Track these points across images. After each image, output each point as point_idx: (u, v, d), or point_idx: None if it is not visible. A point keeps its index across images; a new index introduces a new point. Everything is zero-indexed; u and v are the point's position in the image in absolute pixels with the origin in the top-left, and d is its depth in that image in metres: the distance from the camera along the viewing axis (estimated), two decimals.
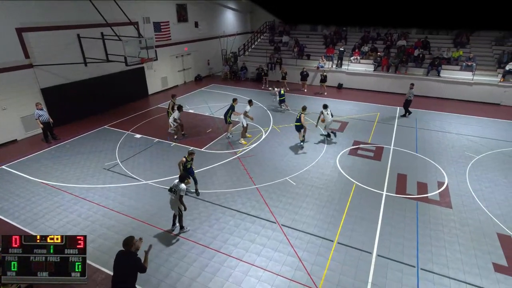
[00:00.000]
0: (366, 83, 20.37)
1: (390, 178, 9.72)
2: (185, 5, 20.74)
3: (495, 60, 18.65)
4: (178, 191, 6.85)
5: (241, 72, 23.34)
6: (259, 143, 12.18)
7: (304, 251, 6.82)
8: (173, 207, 7.16)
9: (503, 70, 17.40)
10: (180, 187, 6.87)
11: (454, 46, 20.19)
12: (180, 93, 19.18)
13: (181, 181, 7.00)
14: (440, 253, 6.77)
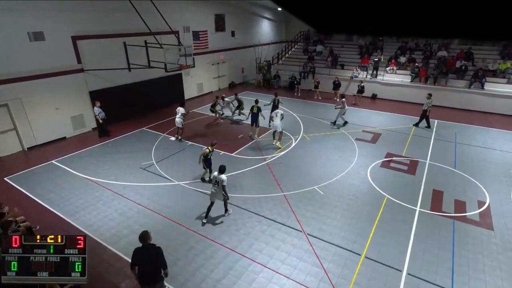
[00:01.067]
0: (402, 94, 19.55)
1: (424, 194, 9.19)
2: (223, 15, 21.37)
3: None
4: (220, 182, 7.47)
5: (274, 80, 23.46)
6: (289, 151, 12.10)
7: (330, 263, 6.62)
8: (214, 197, 7.81)
9: None
10: (222, 178, 7.46)
11: (501, 57, 18.81)
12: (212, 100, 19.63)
13: (221, 173, 7.54)
14: (478, 277, 6.24)
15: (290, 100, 19.71)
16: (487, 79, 17.47)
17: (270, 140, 13.01)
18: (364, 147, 12.42)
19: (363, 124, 14.99)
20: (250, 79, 25.40)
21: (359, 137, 13.39)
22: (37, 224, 7.66)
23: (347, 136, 13.60)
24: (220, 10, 21.01)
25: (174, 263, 6.58)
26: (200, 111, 17.46)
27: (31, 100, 12.03)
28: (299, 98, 20.32)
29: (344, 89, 20.48)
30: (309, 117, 16.21)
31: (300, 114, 16.72)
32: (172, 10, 16.61)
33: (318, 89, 20.06)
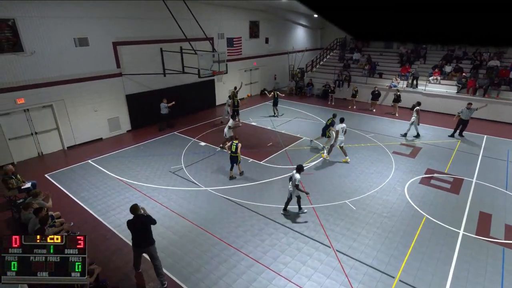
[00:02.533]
0: (447, 106, 18.45)
1: (469, 216, 8.52)
2: (257, 22, 21.73)
3: None
4: (293, 180, 8.01)
5: (307, 88, 23.29)
6: (320, 161, 11.86)
7: (360, 283, 6.31)
8: (291, 194, 8.32)
9: None
10: (295, 177, 7.99)
11: None
12: (245, 106, 19.89)
13: (298, 172, 8.09)
14: None
15: (323, 109, 19.43)
16: None
17: (300, 149, 12.87)
18: (401, 161, 11.85)
19: (401, 137, 14.34)
20: (283, 87, 25.43)
21: (397, 151, 12.81)
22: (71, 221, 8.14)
23: (384, 149, 13.07)
24: (255, 17, 21.39)
25: (197, 270, 6.65)
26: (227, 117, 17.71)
27: (73, 102, 12.98)
28: (333, 107, 19.93)
29: (382, 99, 19.80)
30: None
31: None
32: (208, 18, 17.20)
33: (356, 98, 19.53)
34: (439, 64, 20.41)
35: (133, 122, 15.47)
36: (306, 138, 14.23)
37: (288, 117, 17.59)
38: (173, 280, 6.40)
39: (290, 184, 8.32)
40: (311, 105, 20.47)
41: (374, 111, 18.79)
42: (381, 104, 19.94)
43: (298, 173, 8.08)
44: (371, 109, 18.94)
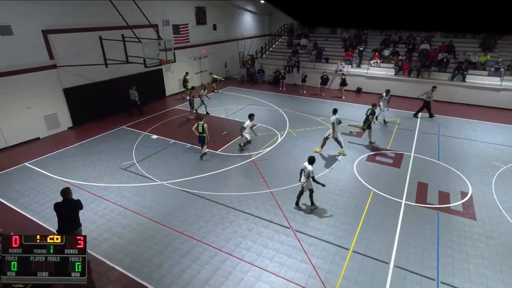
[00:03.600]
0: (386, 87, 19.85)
1: (410, 186, 9.47)
2: (204, 8, 21.10)
3: None
4: (306, 172, 7.83)
5: (258, 75, 23.44)
6: (275, 147, 12.16)
7: (318, 258, 6.72)
8: (305, 188, 8.10)
9: None
10: (308, 169, 7.80)
11: (482, 50, 19.52)
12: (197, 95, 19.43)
13: (311, 163, 7.87)
14: (462, 267, 6.51)
15: (275, 95, 19.78)
16: (469, 71, 18.10)
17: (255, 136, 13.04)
18: (351, 141, 12.64)
19: (348, 118, 15.23)
20: (234, 74, 25.28)
21: (345, 132, 13.61)
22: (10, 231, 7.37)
23: None
24: (201, 3, 20.74)
25: (159, 266, 6.51)
26: (182, 108, 17.24)
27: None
28: (284, 93, 20.42)
29: (330, 83, 20.71)
30: (295, 112, 16.32)
31: (285, 109, 16.80)
32: (150, 4, 16.25)
33: (306, 83, 20.20)
34: (378, 48, 21.85)
35: (74, 118, 14.26)
36: (260, 125, 14.42)
37: (242, 104, 17.62)
38: (133, 280, 6.20)
39: (301, 176, 8.12)
40: (263, 91, 20.71)
41: (323, 95, 19.63)
42: (329, 88, 20.87)
43: (310, 165, 7.85)
44: (321, 94, 19.75)
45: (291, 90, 20.81)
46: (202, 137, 10.95)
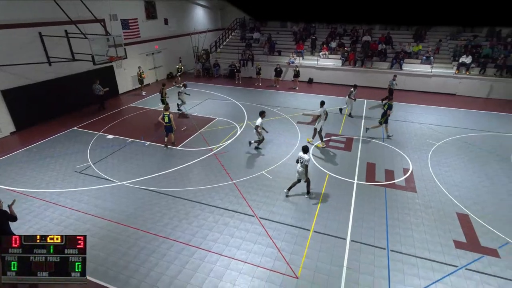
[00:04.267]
0: (335, 77, 20.88)
1: (360, 167, 10.08)
2: (153, 2, 20.06)
3: (451, 53, 19.79)
4: (303, 161, 7.88)
5: (214, 69, 23.06)
6: (235, 139, 12.14)
7: (283, 242, 6.93)
8: (300, 176, 8.21)
9: (457, 62, 18.51)
10: (303, 158, 7.89)
11: (414, 40, 21.17)
12: (152, 91, 18.64)
13: (305, 152, 7.96)
14: (407, 235, 7.14)
15: (232, 88, 19.64)
16: (405, 60, 19.57)
17: (215, 130, 12.91)
18: (305, 129, 13.06)
19: (303, 108, 15.68)
20: (189, 69, 24.58)
21: (300, 120, 14.01)
22: None
23: (289, 120, 14.13)
24: None
25: (125, 267, 6.23)
26: (137, 105, 16.42)
27: None
28: (241, 86, 20.37)
29: (283, 75, 21.07)
30: (252, 104, 16.39)
31: (243, 102, 16.80)
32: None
33: (260, 75, 20.34)
34: (325, 40, 22.63)
35: (18, 122, 12.85)
36: (219, 118, 14.28)
37: (199, 99, 17.25)
38: (99, 285, 5.87)
39: (298, 166, 8.13)
40: (220, 85, 20.46)
41: (278, 86, 19.94)
42: (283, 79, 21.24)
43: (305, 154, 7.93)
44: (275, 85, 20.04)
45: (247, 83, 20.83)
46: (168, 127, 11.00)
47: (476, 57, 18.41)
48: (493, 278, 6.02)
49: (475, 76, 18.02)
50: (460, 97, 17.83)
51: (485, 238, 7.03)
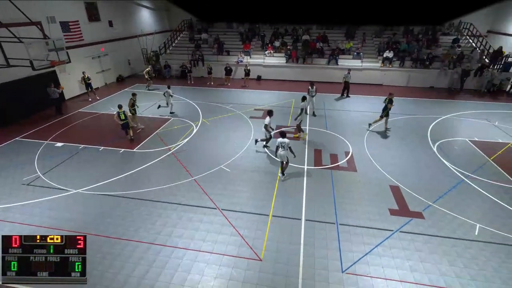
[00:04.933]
0: (281, 73, 21.41)
1: (309, 154, 10.56)
2: (95, 3, 18.39)
3: (376, 49, 21.51)
4: (285, 145, 8.43)
5: (165, 70, 22.06)
6: (192, 137, 11.84)
7: (245, 229, 7.01)
8: (282, 158, 8.68)
9: (382, 57, 20.21)
10: (285, 141, 8.47)
11: (346, 39, 22.55)
12: (103, 95, 17.27)
13: (284, 136, 8.55)
14: (352, 209, 7.72)
15: (184, 88, 19.04)
16: (340, 56, 20.78)
17: (171, 130, 12.45)
18: (258, 123, 13.24)
19: (254, 103, 15.84)
20: (139, 71, 23.19)
21: (253, 115, 14.15)
22: None
23: (242, 116, 14.19)
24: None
25: (90, 274, 5.77)
26: (87, 110, 15.08)
27: None
28: (193, 85, 19.85)
29: (234, 73, 20.99)
30: (206, 102, 16.10)
31: (196, 101, 16.40)
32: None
33: (212, 75, 20.00)
34: (270, 40, 23.00)
35: None
36: (174, 118, 13.78)
37: (152, 100, 16.43)
38: None
39: (280, 150, 8.57)
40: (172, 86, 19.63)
41: (229, 85, 19.83)
42: (234, 78, 21.17)
43: (285, 138, 8.52)
44: (227, 84, 19.89)
45: (199, 83, 20.36)
46: (125, 124, 10.91)
47: (396, 52, 20.29)
48: (421, 236, 6.82)
49: (396, 68, 19.88)
50: (386, 86, 19.53)
51: (413, 204, 7.91)
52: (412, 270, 5.94)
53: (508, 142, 11.46)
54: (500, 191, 8.43)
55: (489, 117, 14.03)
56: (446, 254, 6.33)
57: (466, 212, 7.57)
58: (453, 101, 16.70)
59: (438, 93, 18.16)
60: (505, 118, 13.94)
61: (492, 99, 17.04)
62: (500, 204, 7.89)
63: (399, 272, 5.90)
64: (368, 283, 5.68)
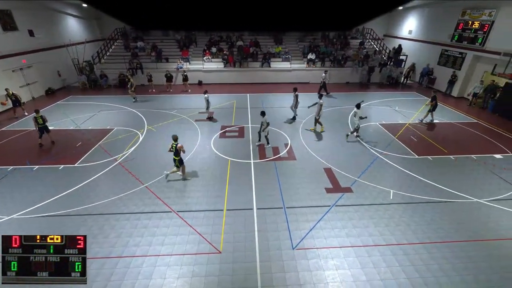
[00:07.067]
0: (221, 77, 21.25)
1: (253, 149, 10.76)
2: (8, 11, 15.55)
3: (301, 52, 22.87)
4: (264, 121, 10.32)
5: (101, 80, 19.93)
6: (139, 145, 10.99)
7: (202, 226, 6.83)
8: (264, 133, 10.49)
9: (306, 59, 21.59)
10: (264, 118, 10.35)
11: (275, 43, 23.45)
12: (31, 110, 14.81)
13: (263, 115, 10.20)
14: (296, 193, 8.14)
15: (125, 97, 17.49)
16: (272, 59, 21.53)
17: (115, 140, 11.37)
18: (203, 126, 12.94)
19: (198, 107, 15.43)
20: (72, 83, 20.52)
21: (198, 119, 13.78)
22: None
23: (188, 119, 13.70)
24: (4, 5, 15.17)
25: None
26: (13, 128, 12.77)
27: None
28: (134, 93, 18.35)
29: (174, 80, 20.06)
30: (149, 110, 15.09)
31: (139, 108, 15.25)
32: None
33: (152, 82, 18.77)
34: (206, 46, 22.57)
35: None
36: (118, 128, 12.59)
37: (92, 111, 14.73)
38: None
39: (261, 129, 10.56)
40: (112, 95, 17.94)
41: (171, 91, 18.91)
42: (175, 84, 20.27)
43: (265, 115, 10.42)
44: (169, 90, 18.93)
45: (141, 90, 18.93)
46: (42, 127, 10.54)
47: (318, 54, 21.90)
48: (351, 206, 7.56)
49: (319, 68, 21.47)
50: (312, 84, 20.95)
51: (343, 181, 8.70)
52: (348, 236, 6.57)
53: (405, 123, 13.42)
54: (404, 162, 9.84)
55: (391, 104, 16.20)
56: (371, 218, 7.14)
57: (383, 182, 8.64)
58: (365, 93, 18.81)
59: (352, 87, 20.23)
60: (402, 103, 16.26)
61: (392, 89, 19.69)
62: (405, 172, 9.22)
63: (338, 240, 6.46)
64: (315, 254, 6.09)
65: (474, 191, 8.21)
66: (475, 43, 16.28)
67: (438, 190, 8.24)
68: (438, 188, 8.35)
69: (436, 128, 12.96)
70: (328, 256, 6.04)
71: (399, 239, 6.48)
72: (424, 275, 5.63)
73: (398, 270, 5.73)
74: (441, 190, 8.26)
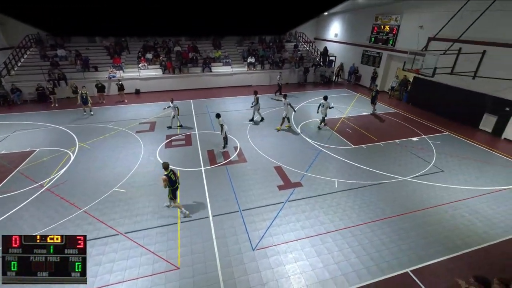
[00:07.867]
0: (160, 85, 20.21)
1: (203, 156, 10.51)
2: None
3: (241, 56, 23.28)
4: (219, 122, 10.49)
5: (13, 96, 17.00)
6: (70, 165, 9.70)
7: (156, 244, 6.38)
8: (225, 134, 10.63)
9: (247, 62, 22.07)
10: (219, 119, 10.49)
11: (214, 48, 23.37)
12: None
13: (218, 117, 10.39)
14: (250, 194, 8.23)
15: (48, 113, 15.29)
16: (212, 64, 21.38)
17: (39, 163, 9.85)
18: (146, 137, 12.13)
19: (137, 118, 14.40)
20: None
21: (139, 130, 12.85)
22: None
23: (127, 132, 12.66)
24: None
25: None
26: None
27: None
28: (59, 108, 16.18)
29: (107, 90, 18.31)
30: (80, 125, 13.47)
31: (67, 125, 13.49)
32: None
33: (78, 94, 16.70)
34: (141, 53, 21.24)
35: None
36: (41, 149, 10.91)
37: (3, 133, 12.45)
38: None
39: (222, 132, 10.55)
40: (29, 112, 15.47)
41: (105, 102, 17.23)
42: (108, 94, 18.54)
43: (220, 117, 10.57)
44: (101, 101, 17.20)
45: (66, 104, 16.76)
46: None
47: (257, 57, 22.58)
48: (302, 200, 7.99)
49: (259, 71, 22.16)
50: (254, 86, 21.50)
51: (292, 176, 9.13)
52: (303, 228, 6.92)
53: (340, 117, 14.80)
54: (343, 152, 10.84)
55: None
56: (321, 207, 7.66)
57: (327, 173, 9.36)
58: (303, 92, 20.11)
59: (292, 87, 21.44)
60: (336, 100, 17.89)
61: (326, 87, 21.51)
62: (345, 161, 10.15)
63: (295, 233, 6.75)
64: (275, 251, 6.25)
65: (400, 171, 9.50)
66: (387, 44, 18.92)
67: (373, 174, 9.30)
68: (372, 172, 9.43)
69: (366, 119, 14.62)
70: (287, 250, 6.26)
71: (346, 223, 7.10)
72: (369, 251, 6.28)
73: (349, 251, 6.27)
74: (375, 174, 9.34)
